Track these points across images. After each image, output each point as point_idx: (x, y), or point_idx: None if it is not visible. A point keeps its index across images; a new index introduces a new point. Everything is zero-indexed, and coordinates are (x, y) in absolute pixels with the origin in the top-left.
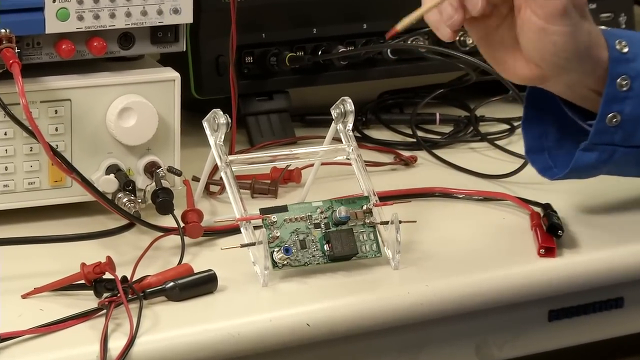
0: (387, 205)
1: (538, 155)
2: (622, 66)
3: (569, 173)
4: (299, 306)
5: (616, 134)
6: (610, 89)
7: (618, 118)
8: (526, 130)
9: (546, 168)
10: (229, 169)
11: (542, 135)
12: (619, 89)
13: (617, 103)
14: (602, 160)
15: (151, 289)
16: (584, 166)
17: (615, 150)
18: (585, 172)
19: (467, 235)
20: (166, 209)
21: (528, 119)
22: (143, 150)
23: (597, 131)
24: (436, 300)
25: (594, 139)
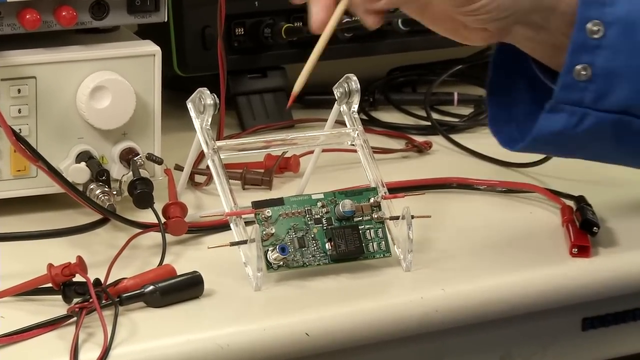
0: (397, 198)
1: (504, 126)
2: (594, 9)
3: (531, 141)
4: (297, 313)
5: (586, 92)
6: (578, 35)
7: (588, 71)
8: (492, 96)
9: (511, 139)
10: (217, 157)
11: (511, 103)
12: (590, 36)
13: (587, 53)
14: (571, 125)
15: (128, 294)
16: (549, 133)
17: (586, 114)
18: (552, 143)
19: (489, 233)
20: (145, 202)
21: (495, 83)
22: (118, 135)
23: (564, 86)
24: (454, 307)
25: (560, 96)
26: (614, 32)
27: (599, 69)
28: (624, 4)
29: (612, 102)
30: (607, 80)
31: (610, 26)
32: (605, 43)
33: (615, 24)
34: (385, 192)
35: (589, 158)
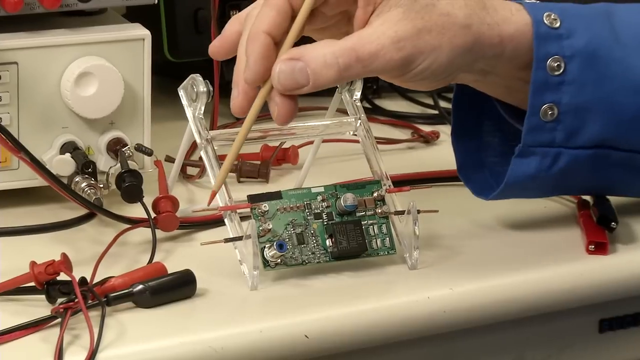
0: (402, 192)
1: (474, 173)
2: (551, 44)
3: (504, 189)
4: (296, 314)
5: (556, 132)
6: (538, 74)
7: (555, 110)
8: (458, 141)
9: (484, 187)
10: (210, 147)
11: (479, 147)
12: (551, 73)
13: (550, 91)
14: (545, 167)
15: (116, 293)
16: (523, 178)
17: (560, 154)
18: (528, 187)
19: (500, 228)
20: (134, 196)
21: (459, 127)
22: (105, 124)
23: (531, 128)
24: (463, 307)
25: (529, 140)
26: (575, 66)
27: (565, 106)
28: (582, 34)
29: (585, 138)
30: (576, 116)
31: (571, 60)
32: (568, 79)
33: (576, 56)
34: (389, 185)
35: (572, 194)
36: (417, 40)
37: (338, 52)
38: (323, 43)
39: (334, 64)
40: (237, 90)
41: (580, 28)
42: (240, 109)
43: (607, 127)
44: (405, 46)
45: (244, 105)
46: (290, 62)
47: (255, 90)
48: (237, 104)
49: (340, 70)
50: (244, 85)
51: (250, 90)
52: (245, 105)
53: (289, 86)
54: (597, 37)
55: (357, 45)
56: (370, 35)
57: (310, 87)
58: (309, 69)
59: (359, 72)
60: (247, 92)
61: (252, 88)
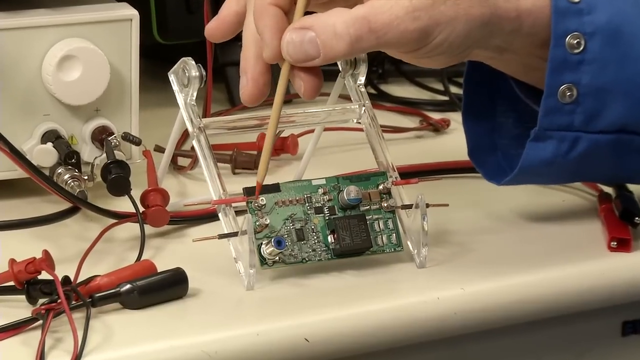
0: (410, 184)
1: (487, 157)
2: (571, 20)
3: (518, 174)
4: (295, 316)
5: (575, 114)
6: (556, 52)
7: (574, 91)
8: (469, 123)
9: (497, 171)
10: (203, 136)
11: (493, 129)
12: (570, 51)
13: (569, 71)
14: (562, 152)
15: (101, 294)
16: (538, 163)
17: (578, 139)
18: (543, 174)
19: (515, 224)
20: (121, 189)
21: (471, 107)
22: (90, 111)
23: (548, 110)
24: (475, 309)
25: (546, 122)
26: (596, 44)
27: (585, 87)
28: (605, 10)
29: (606, 121)
30: (596, 98)
31: (592, 37)
32: (588, 57)
33: (597, 33)
34: (396, 177)
35: (590, 181)
36: (432, 11)
37: (350, 22)
38: (334, 12)
39: (345, 35)
40: (245, 77)
41: (602, 3)
42: (251, 97)
43: (630, 110)
44: (421, 16)
45: (254, 94)
46: (300, 32)
47: (265, 76)
48: (247, 93)
49: (351, 42)
50: (253, 72)
51: (260, 76)
52: (256, 94)
53: (299, 58)
54: (620, 13)
55: (370, 14)
56: (383, 5)
57: (320, 59)
58: (318, 40)
59: (372, 44)
60: (257, 79)
61: (261, 74)
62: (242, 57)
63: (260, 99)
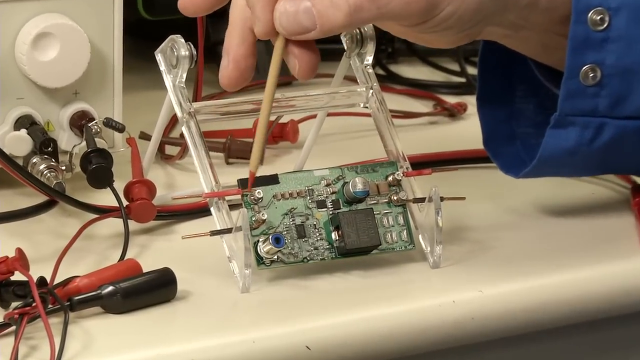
0: (423, 175)
1: (504, 146)
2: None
3: (537, 165)
4: (295, 321)
5: (599, 98)
6: (578, 29)
7: (597, 72)
8: (485, 109)
9: (516, 162)
10: (194, 122)
11: (511, 115)
12: (593, 28)
13: (592, 50)
14: (586, 140)
15: (81, 296)
16: (560, 152)
17: (604, 125)
18: (565, 165)
19: (539, 219)
20: (102, 180)
21: (486, 91)
22: (68, 94)
23: (570, 93)
24: (494, 313)
25: (567, 107)
26: (622, 20)
27: (610, 67)
28: None
29: (633, 106)
30: (623, 80)
31: (617, 12)
32: (613, 35)
33: (622, 8)
34: (407, 168)
35: (618, 173)
36: None
37: None
38: None
39: (343, 4)
40: (227, 58)
41: None
42: (230, 80)
43: None
44: None
45: (234, 77)
46: (295, 1)
47: (249, 60)
48: (226, 75)
49: (350, 12)
50: (236, 53)
51: (243, 59)
52: (236, 77)
53: (293, 30)
54: None
55: None
56: None
57: (317, 32)
58: (314, 10)
59: (373, 15)
60: (239, 62)
61: (245, 57)
62: (227, 35)
63: (240, 84)
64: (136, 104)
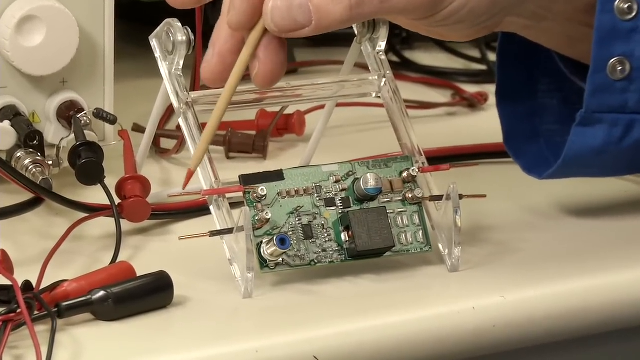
0: (440, 171)
1: (526, 145)
2: None
3: (562, 166)
4: (302, 329)
5: (629, 93)
6: (604, 19)
7: (626, 66)
8: (505, 104)
9: (539, 162)
10: (191, 113)
11: (533, 111)
12: (620, 17)
13: (620, 41)
14: (615, 139)
15: (69, 302)
16: (586, 152)
17: (634, 122)
18: (592, 165)
19: (566, 218)
20: (92, 176)
21: (506, 86)
22: (56, 83)
23: (596, 89)
24: (517, 320)
25: (593, 103)
26: None
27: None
28: None
29: None
30: None
31: None
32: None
33: None
34: (423, 163)
35: None
36: None
37: None
38: None
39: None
40: (212, 51)
41: None
42: (213, 75)
43: None
44: None
45: (217, 72)
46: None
47: (234, 55)
48: (209, 69)
49: (351, 6)
50: (222, 46)
51: (229, 54)
52: (219, 72)
53: (285, 27)
54: None
55: None
56: None
57: (312, 28)
58: (311, 4)
59: (375, 9)
60: (225, 57)
61: (231, 52)
62: (216, 27)
63: (222, 79)
64: (129, 93)
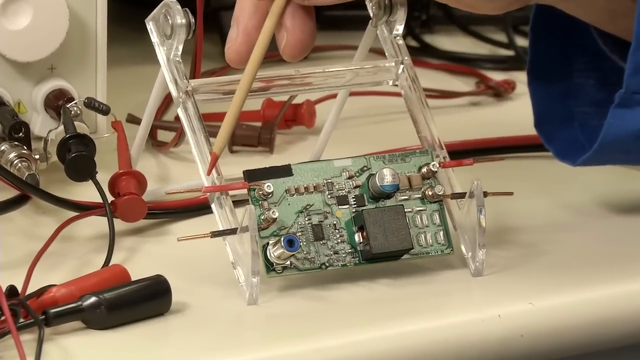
0: (463, 166)
1: (559, 128)
2: None
3: (598, 151)
4: (311, 339)
5: None
6: None
7: None
8: (537, 84)
9: (573, 147)
10: (191, 103)
11: (568, 92)
12: None
13: None
14: None
15: (58, 309)
16: (626, 136)
17: None
18: (632, 150)
19: (600, 217)
20: (83, 172)
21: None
22: (43, 70)
23: (637, 67)
24: (547, 329)
25: (634, 83)
26: None
27: None
28: None
29: None
30: None
31: None
32: None
33: None
34: (444, 157)
35: None
36: None
37: None
38: None
39: None
40: (236, 29)
41: None
42: (239, 56)
43: None
44: None
45: (243, 52)
46: None
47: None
48: (234, 49)
49: None
50: (247, 23)
51: (255, 31)
52: (246, 51)
53: None
54: None
55: None
56: None
57: None
58: None
59: None
60: (251, 34)
61: (257, 29)
62: (238, 3)
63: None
64: (123, 81)
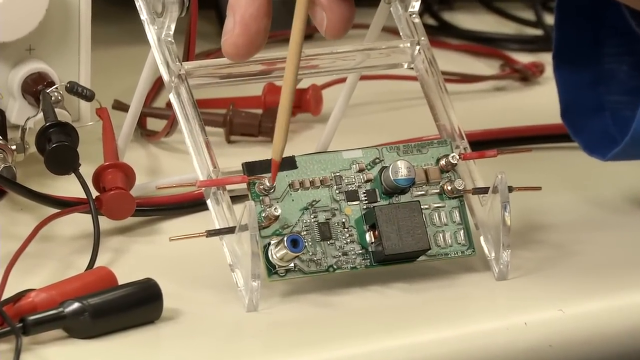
0: (486, 158)
1: (588, 118)
2: None
3: (631, 144)
4: (317, 349)
5: None
6: None
7: None
8: (563, 70)
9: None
10: (185, 88)
11: (598, 79)
12: None
13: None
14: None
15: (37, 316)
16: None
17: None
18: None
19: (635, 215)
20: (65, 164)
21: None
22: (20, 51)
23: None
24: (578, 338)
25: None
26: None
27: None
28: None
29: None
30: None
31: None
32: None
33: None
34: (465, 148)
35: None
36: None
37: None
38: None
39: None
40: (233, 19)
41: None
42: (236, 49)
43: None
44: None
45: (241, 44)
46: None
47: (261, 21)
48: (231, 41)
49: None
50: (244, 12)
51: (253, 21)
52: (244, 44)
53: None
54: None
55: None
56: None
57: None
58: None
59: None
60: (249, 24)
61: (255, 18)
62: None
63: (250, 53)
64: (109, 63)
